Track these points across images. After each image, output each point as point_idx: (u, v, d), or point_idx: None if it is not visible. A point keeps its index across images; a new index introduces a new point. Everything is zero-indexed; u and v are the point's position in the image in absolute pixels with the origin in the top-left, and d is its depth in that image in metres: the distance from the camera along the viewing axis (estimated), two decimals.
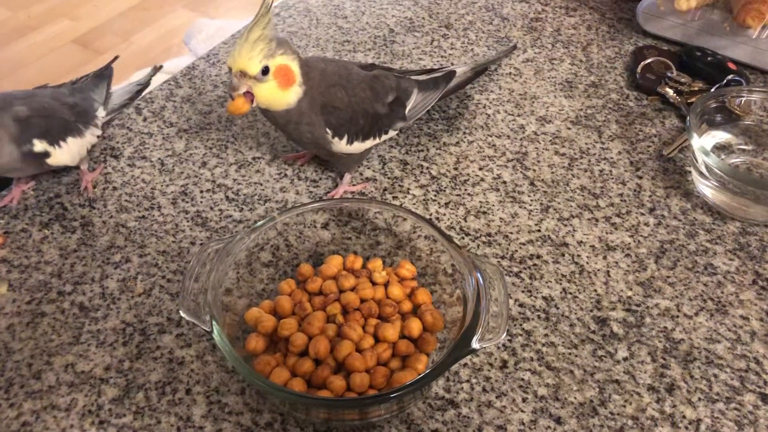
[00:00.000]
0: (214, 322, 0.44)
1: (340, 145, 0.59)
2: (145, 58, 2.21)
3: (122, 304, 0.53)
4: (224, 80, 0.74)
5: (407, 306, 0.50)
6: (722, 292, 0.55)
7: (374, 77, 0.61)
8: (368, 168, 0.64)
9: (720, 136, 0.66)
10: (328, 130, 0.58)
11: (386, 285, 0.51)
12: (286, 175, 0.63)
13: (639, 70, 0.74)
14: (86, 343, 0.50)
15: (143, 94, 0.72)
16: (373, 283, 0.51)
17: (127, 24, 2.39)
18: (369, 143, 0.61)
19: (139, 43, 2.32)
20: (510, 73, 0.76)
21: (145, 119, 0.69)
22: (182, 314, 0.44)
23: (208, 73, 0.75)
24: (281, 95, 0.56)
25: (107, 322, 0.52)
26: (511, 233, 0.59)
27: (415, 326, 0.47)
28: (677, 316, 0.53)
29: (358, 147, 0.60)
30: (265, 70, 0.54)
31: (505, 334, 0.43)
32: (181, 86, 0.73)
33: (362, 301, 0.49)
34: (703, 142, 0.62)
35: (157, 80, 0.74)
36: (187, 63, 0.78)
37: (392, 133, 0.63)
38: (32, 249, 0.57)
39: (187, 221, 0.59)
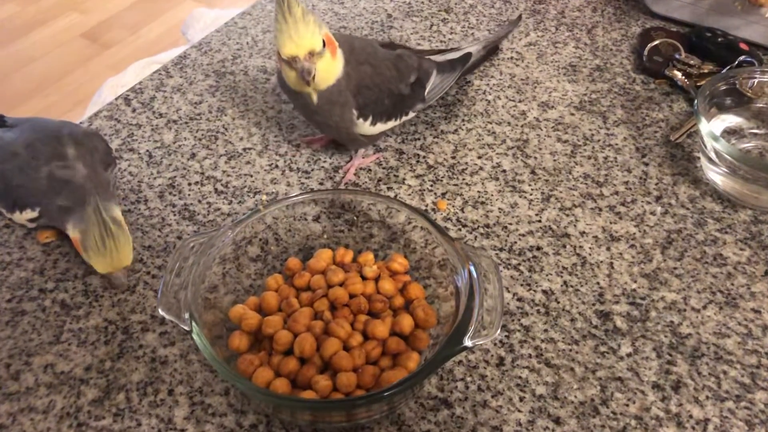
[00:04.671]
0: (193, 322, 0.42)
1: (364, 127, 0.58)
2: (152, 51, 2.20)
3: (105, 301, 0.51)
4: (216, 69, 0.72)
5: (399, 301, 0.48)
6: (732, 284, 0.52)
7: (398, 56, 0.59)
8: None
9: (730, 119, 0.63)
10: (354, 110, 0.56)
11: (377, 279, 0.48)
12: (277, 166, 0.61)
13: (646, 52, 0.71)
14: (67, 342, 0.49)
15: (133, 85, 0.70)
16: (364, 278, 0.48)
17: (134, 17, 2.37)
18: (391, 124, 0.60)
19: (146, 37, 2.30)
20: (512, 58, 0.73)
21: (134, 110, 0.67)
22: (161, 312, 0.42)
23: (199, 62, 0.73)
24: (334, 65, 0.54)
25: (89, 321, 0.50)
26: (511, 224, 0.56)
27: (406, 322, 0.45)
28: (684, 310, 0.50)
29: (380, 128, 0.59)
30: (323, 43, 0.52)
31: (499, 331, 0.41)
32: (171, 76, 0.71)
33: (351, 296, 0.47)
34: (713, 126, 0.59)
35: (148, 70, 0.72)
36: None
37: (411, 115, 0.62)
38: (15, 245, 0.55)
39: (174, 215, 0.57)
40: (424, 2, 0.81)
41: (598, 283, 0.52)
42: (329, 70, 0.53)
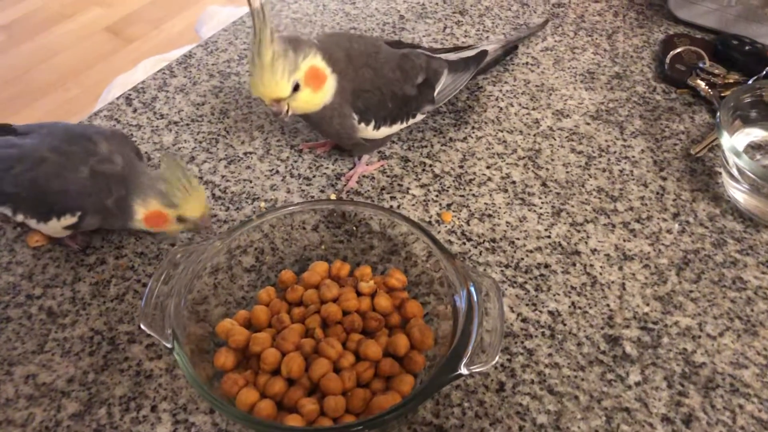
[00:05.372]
0: (176, 341, 0.40)
1: (367, 131, 0.56)
2: (174, 46, 2.20)
3: (93, 310, 0.49)
4: (221, 69, 0.70)
5: (395, 319, 0.45)
6: (752, 310, 0.49)
7: (403, 56, 0.57)
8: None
9: (755, 133, 0.59)
10: (354, 115, 0.54)
11: (373, 295, 0.46)
12: (277, 171, 0.59)
13: (668, 60, 0.68)
14: (51, 351, 0.47)
15: (135, 84, 0.69)
16: (359, 294, 0.46)
17: (157, 11, 2.37)
18: (396, 127, 0.58)
19: (169, 32, 2.30)
20: (527, 63, 0.70)
21: (135, 110, 0.65)
22: (142, 327, 0.40)
23: (204, 62, 0.71)
24: (317, 97, 0.52)
25: (75, 330, 0.48)
26: (518, 239, 0.54)
27: (401, 343, 0.43)
28: (699, 337, 0.47)
29: (385, 132, 0.57)
30: (296, 86, 0.50)
31: (496, 359, 0.39)
32: (175, 75, 0.69)
33: (345, 313, 0.45)
34: (735, 140, 0.56)
35: (152, 69, 0.70)
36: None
37: (419, 117, 0.59)
38: (5, 248, 0.53)
39: None
40: (438, 4, 0.79)
41: (608, 305, 0.49)
42: (310, 102, 0.52)
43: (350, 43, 0.55)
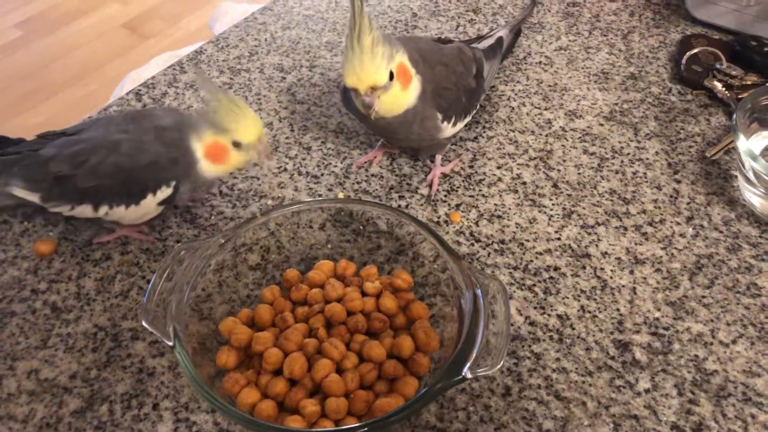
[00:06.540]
0: (177, 340, 0.39)
1: (448, 129, 0.55)
2: (191, 43, 2.20)
3: (97, 306, 0.49)
4: (231, 66, 0.69)
5: (400, 320, 0.45)
6: (766, 317, 0.48)
7: (459, 50, 0.57)
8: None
9: None
10: (438, 114, 0.53)
11: (378, 296, 0.45)
12: (285, 169, 0.59)
13: (684, 61, 0.67)
14: (54, 347, 0.47)
15: (146, 80, 0.69)
16: (364, 294, 0.46)
17: (174, 8, 2.38)
18: (467, 120, 0.58)
19: (186, 29, 2.31)
20: (540, 63, 0.69)
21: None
22: (144, 324, 0.40)
23: (215, 58, 0.70)
24: (403, 97, 0.51)
25: (79, 325, 0.48)
26: (527, 241, 0.53)
27: (406, 345, 0.42)
28: (711, 344, 0.46)
29: (458, 126, 0.57)
30: (391, 76, 0.49)
31: (502, 363, 0.38)
32: (185, 71, 0.69)
33: (350, 313, 0.44)
34: (752, 143, 0.55)
35: (162, 65, 0.70)
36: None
37: (477, 107, 0.60)
38: (11, 242, 0.53)
39: (175, 217, 0.55)
40: (452, 1, 0.78)
41: (618, 309, 0.48)
42: (396, 102, 0.51)
43: (416, 43, 0.54)
